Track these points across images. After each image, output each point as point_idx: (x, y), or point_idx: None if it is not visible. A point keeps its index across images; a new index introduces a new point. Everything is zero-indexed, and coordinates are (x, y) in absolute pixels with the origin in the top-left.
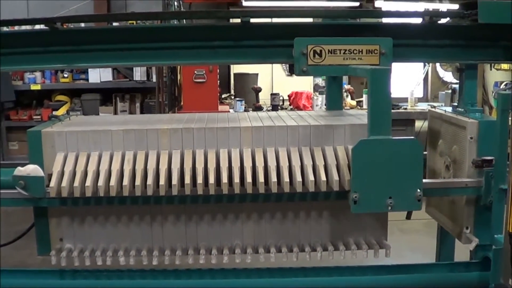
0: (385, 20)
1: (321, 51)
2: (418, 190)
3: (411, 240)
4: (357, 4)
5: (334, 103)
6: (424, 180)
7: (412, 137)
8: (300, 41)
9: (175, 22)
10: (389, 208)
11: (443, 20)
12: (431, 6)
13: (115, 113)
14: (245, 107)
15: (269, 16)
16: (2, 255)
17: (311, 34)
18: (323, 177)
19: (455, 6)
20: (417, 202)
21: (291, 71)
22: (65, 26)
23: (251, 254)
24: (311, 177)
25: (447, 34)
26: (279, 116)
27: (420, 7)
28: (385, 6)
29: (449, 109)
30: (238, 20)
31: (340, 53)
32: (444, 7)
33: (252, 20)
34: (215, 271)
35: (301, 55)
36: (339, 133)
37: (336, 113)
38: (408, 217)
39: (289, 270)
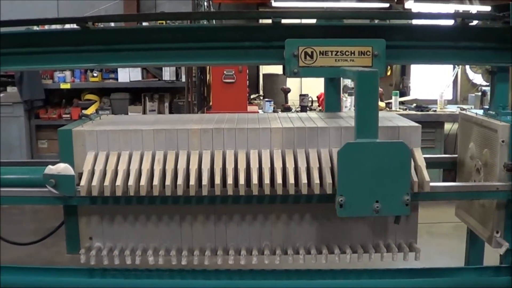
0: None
1: (312, 52)
2: (406, 195)
3: (439, 243)
4: (386, 5)
5: (332, 104)
6: (454, 183)
7: (400, 141)
8: (291, 43)
9: (205, 22)
10: (376, 212)
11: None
12: (461, 8)
13: (144, 112)
14: (274, 108)
15: (300, 17)
16: (30, 253)
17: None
18: None
19: (486, 8)
20: (404, 207)
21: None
22: (95, 26)
23: (280, 255)
24: None
25: (479, 37)
26: (309, 117)
27: (450, 8)
28: (415, 7)
29: (480, 111)
30: (267, 21)
31: (331, 54)
32: (474, 9)
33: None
34: (244, 271)
35: (292, 57)
36: None
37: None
38: (397, 221)
39: (318, 272)
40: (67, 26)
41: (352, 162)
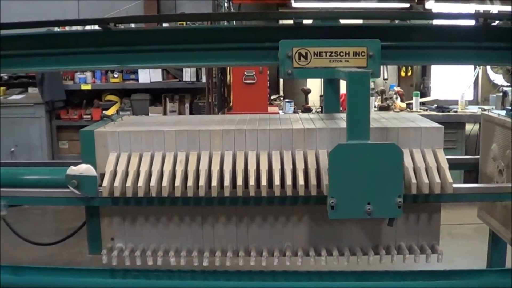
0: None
1: (306, 53)
2: (399, 197)
3: (461, 245)
4: (407, 5)
5: (331, 106)
6: (476, 185)
7: (392, 142)
8: (285, 44)
9: (225, 23)
10: (368, 214)
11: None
12: (481, 8)
13: (165, 113)
14: (294, 109)
15: (321, 17)
16: (51, 253)
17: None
18: None
19: (507, 8)
20: (397, 209)
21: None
22: (117, 27)
23: (302, 256)
24: None
25: (501, 37)
26: (331, 118)
27: (471, 8)
28: (436, 8)
29: (503, 112)
30: (286, 21)
31: (326, 55)
32: (495, 9)
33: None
34: (265, 273)
35: (286, 58)
36: (393, 136)
37: (389, 115)
38: (390, 224)
39: (339, 274)
40: (88, 27)
41: (343, 163)
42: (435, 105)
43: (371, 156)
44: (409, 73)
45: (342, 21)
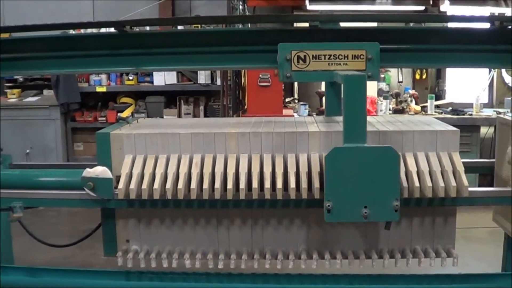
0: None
1: (305, 56)
2: (395, 200)
3: (475, 248)
4: (422, 8)
5: (333, 109)
6: (492, 188)
7: (388, 145)
8: (284, 47)
9: (240, 26)
10: (364, 218)
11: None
12: (496, 11)
13: (179, 116)
14: (309, 112)
15: (337, 20)
16: (66, 255)
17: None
18: (404, 183)
19: None
20: (394, 213)
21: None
22: (132, 29)
23: (317, 259)
24: None
25: None
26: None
27: (486, 11)
28: (451, 10)
29: None
30: (301, 24)
31: (324, 58)
32: (509, 11)
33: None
34: (280, 275)
35: (285, 61)
36: (408, 139)
37: (401, 118)
38: (387, 227)
39: (355, 277)
40: (103, 29)
41: (340, 167)
42: (450, 108)
43: (367, 160)
44: (424, 76)
45: (343, 24)
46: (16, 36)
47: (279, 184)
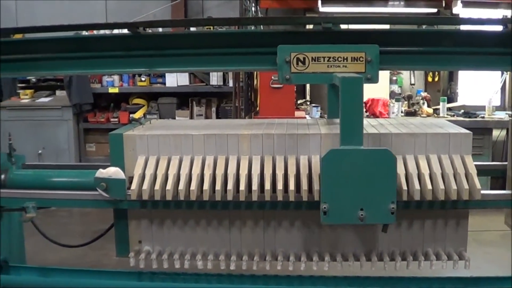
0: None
1: (304, 58)
2: (392, 203)
3: (487, 251)
4: (434, 10)
5: (335, 111)
6: (504, 191)
7: (385, 148)
8: (283, 49)
9: (252, 28)
10: (361, 220)
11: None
12: (509, 13)
13: (191, 117)
14: (321, 113)
15: (350, 22)
16: (78, 255)
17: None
18: (417, 186)
19: None
20: (390, 215)
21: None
22: (145, 31)
23: (329, 261)
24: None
25: None
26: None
27: (499, 14)
28: (463, 13)
29: None
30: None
31: (324, 60)
32: None
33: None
34: (292, 277)
35: (284, 63)
36: (421, 142)
37: (411, 121)
38: (384, 230)
39: (366, 279)
40: (115, 30)
41: (336, 169)
42: (462, 111)
43: (364, 162)
44: (436, 79)
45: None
46: (29, 37)
47: (291, 186)
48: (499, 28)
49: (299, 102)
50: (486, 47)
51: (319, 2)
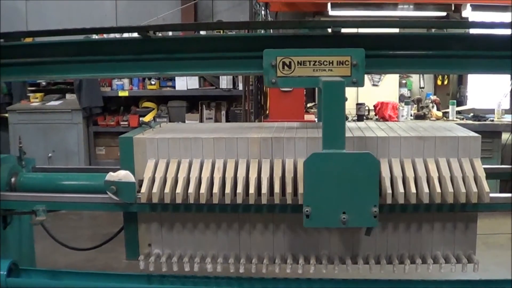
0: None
1: (290, 62)
2: (374, 206)
3: (496, 254)
4: (444, 14)
5: None
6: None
7: (367, 151)
8: (269, 53)
9: (262, 32)
10: (343, 224)
11: None
12: None
13: (201, 120)
14: None
15: (359, 26)
16: (87, 258)
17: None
18: (426, 189)
19: None
20: (373, 219)
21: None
22: (156, 35)
23: (339, 265)
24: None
25: None
26: (369, 127)
27: (508, 17)
28: (472, 16)
29: None
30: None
31: (309, 64)
32: None
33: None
34: (301, 280)
35: (270, 67)
36: (430, 145)
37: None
38: (367, 233)
39: (375, 282)
40: (125, 34)
41: (318, 172)
42: (471, 114)
43: (346, 165)
44: (446, 82)
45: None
46: (39, 41)
47: (301, 189)
48: (508, 31)
49: (308, 105)
50: (495, 50)
51: (329, 6)
